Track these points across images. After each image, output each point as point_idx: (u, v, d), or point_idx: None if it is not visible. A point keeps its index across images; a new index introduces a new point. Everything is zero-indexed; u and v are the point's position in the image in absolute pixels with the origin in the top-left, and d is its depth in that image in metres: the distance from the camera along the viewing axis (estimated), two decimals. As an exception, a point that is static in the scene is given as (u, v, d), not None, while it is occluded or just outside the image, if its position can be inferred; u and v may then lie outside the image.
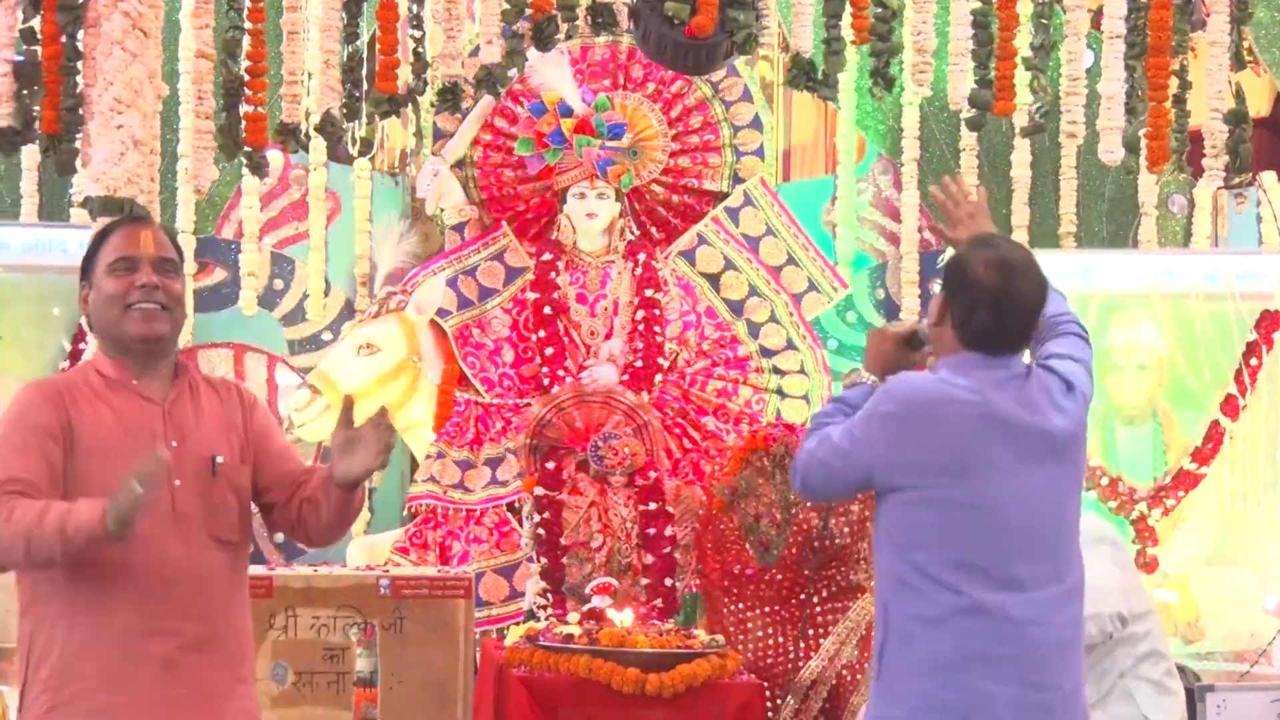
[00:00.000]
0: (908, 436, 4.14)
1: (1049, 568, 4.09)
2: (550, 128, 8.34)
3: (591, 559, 7.71)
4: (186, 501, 3.88)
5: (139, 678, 3.79)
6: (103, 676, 3.77)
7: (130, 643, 3.79)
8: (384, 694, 6.37)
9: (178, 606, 3.83)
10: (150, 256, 3.96)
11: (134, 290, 3.92)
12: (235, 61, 6.69)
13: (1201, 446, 7.83)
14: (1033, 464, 4.08)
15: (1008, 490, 4.07)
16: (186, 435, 3.94)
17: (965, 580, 4.05)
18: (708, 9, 6.65)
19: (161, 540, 3.81)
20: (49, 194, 8.23)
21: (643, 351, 8.27)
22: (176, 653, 3.83)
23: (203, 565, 3.90)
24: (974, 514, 4.07)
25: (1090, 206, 8.70)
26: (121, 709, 3.78)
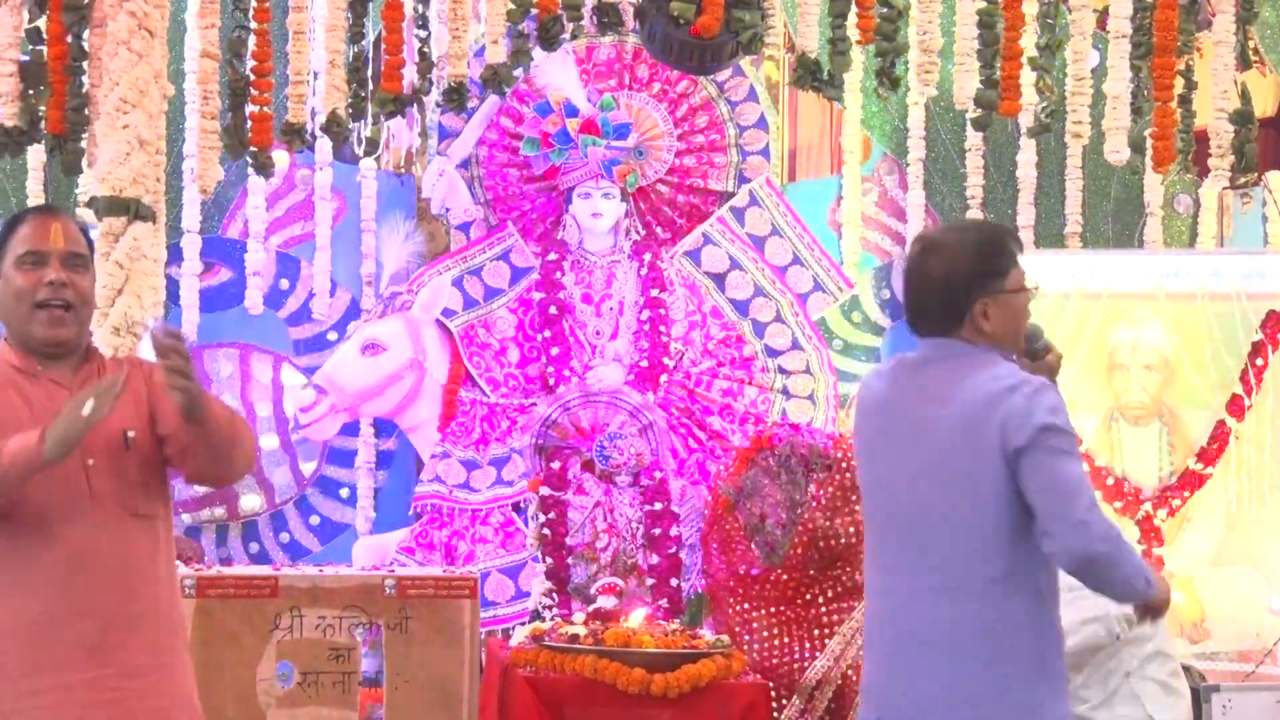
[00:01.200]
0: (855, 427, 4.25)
1: (917, 560, 3.94)
2: (556, 127, 8.34)
3: (597, 559, 7.72)
4: (101, 480, 3.85)
5: (63, 659, 3.77)
6: (26, 659, 3.76)
7: (53, 624, 3.76)
8: (389, 694, 6.36)
9: (99, 585, 3.81)
10: (59, 251, 3.90)
11: (42, 287, 3.87)
12: (241, 61, 6.69)
13: (1207, 447, 7.83)
14: (913, 452, 3.95)
15: (889, 476, 4.01)
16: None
17: (869, 562, 4.10)
18: (713, 9, 6.65)
19: (79, 520, 3.80)
20: (55, 194, 8.23)
21: (648, 351, 8.27)
22: (100, 632, 3.80)
23: (122, 542, 3.86)
24: (869, 498, 4.10)
25: (1096, 206, 8.70)
26: (47, 691, 3.76)
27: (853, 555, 7.04)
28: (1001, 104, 6.91)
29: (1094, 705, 5.41)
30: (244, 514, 8.35)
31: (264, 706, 6.25)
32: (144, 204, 5.87)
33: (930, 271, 4.01)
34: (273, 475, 8.41)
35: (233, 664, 6.19)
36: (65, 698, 3.76)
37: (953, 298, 3.98)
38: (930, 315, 4.03)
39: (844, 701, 6.95)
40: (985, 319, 3.98)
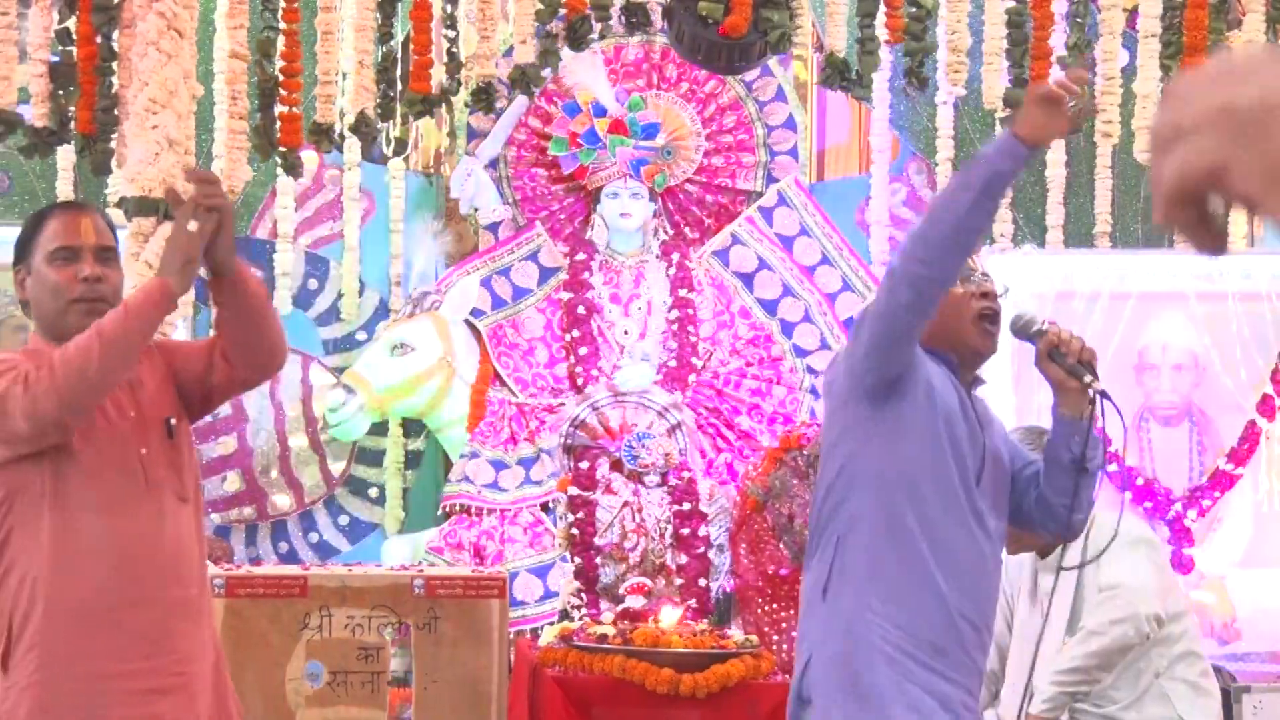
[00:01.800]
0: None
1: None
2: (584, 127, 8.34)
3: (625, 559, 7.72)
4: (155, 468, 3.92)
5: (125, 647, 3.83)
6: (88, 646, 3.81)
7: (116, 612, 3.83)
8: (418, 694, 6.37)
9: (159, 572, 3.89)
10: (92, 245, 3.95)
11: (77, 283, 3.92)
12: (270, 62, 6.70)
13: (1238, 447, 7.81)
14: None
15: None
16: (141, 403, 3.97)
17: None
18: (741, 8, 6.64)
19: (138, 508, 3.87)
20: (84, 194, 8.26)
21: (676, 351, 8.27)
22: (161, 620, 3.87)
23: (176, 528, 3.94)
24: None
25: (1126, 206, 8.67)
26: (110, 678, 3.83)
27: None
28: (1031, 103, 6.89)
29: (1123, 705, 5.40)
30: (273, 513, 8.37)
31: (293, 706, 6.26)
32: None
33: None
34: (302, 475, 8.43)
35: (262, 663, 6.20)
36: (129, 684, 3.83)
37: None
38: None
39: (873, 702, 6.93)
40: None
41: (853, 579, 3.97)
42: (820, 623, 4.01)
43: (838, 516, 4.02)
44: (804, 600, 4.09)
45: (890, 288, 3.84)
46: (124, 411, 3.92)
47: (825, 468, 4.12)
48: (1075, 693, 5.40)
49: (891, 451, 3.99)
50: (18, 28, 6.41)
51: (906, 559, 3.96)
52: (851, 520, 4.00)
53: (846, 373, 4.03)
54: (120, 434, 3.90)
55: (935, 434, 4.00)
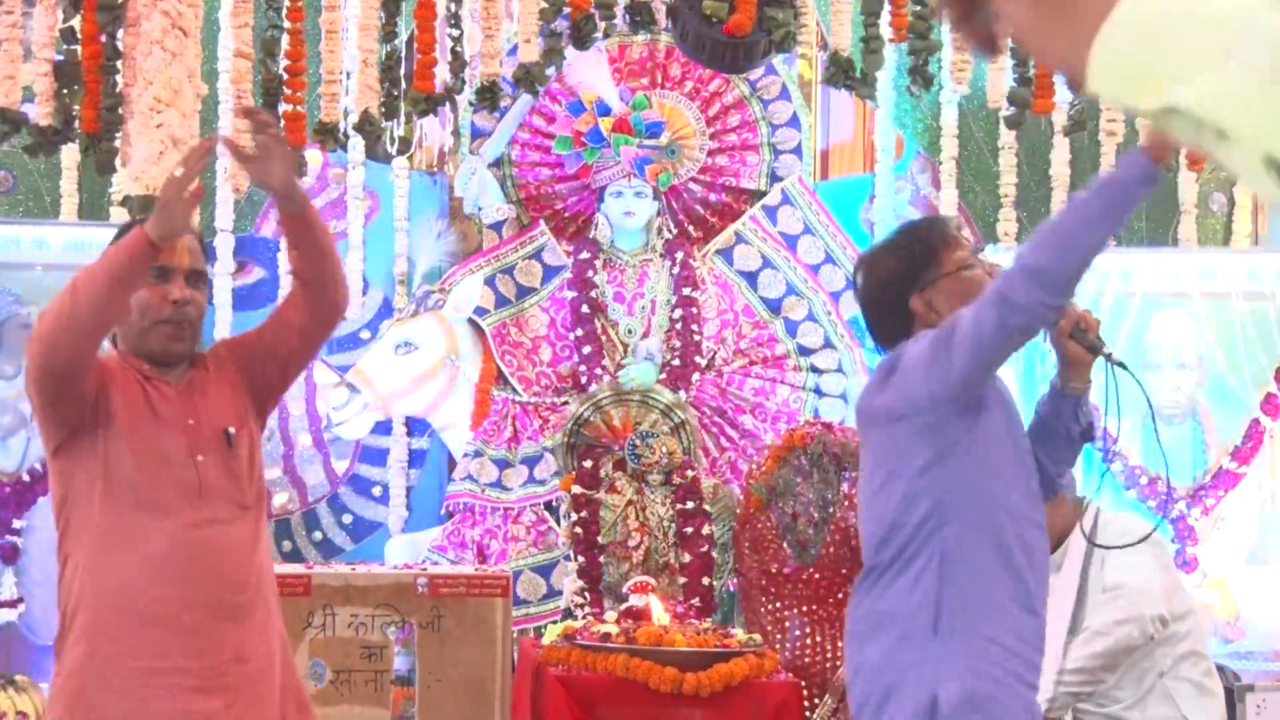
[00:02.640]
0: None
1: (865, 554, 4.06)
2: (588, 126, 8.34)
3: (629, 557, 7.71)
4: (209, 475, 4.01)
5: (175, 646, 3.91)
6: (140, 643, 3.89)
7: (167, 611, 3.91)
8: (422, 692, 6.38)
9: (210, 575, 3.97)
10: (184, 268, 4.07)
11: (166, 304, 4.03)
12: (274, 61, 6.71)
13: (1241, 445, 7.82)
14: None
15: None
16: (200, 413, 4.06)
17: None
18: (746, 7, 6.64)
19: (192, 513, 3.97)
20: (89, 193, 8.27)
21: (680, 350, 8.27)
22: (211, 621, 3.95)
23: (230, 534, 4.03)
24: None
25: (1129, 205, 8.66)
26: (161, 674, 3.90)
27: (885, 554, 7.03)
28: (1035, 102, 6.90)
29: (1127, 705, 5.40)
30: (277, 512, 8.37)
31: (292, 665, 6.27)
32: (178, 203, 5.88)
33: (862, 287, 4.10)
34: (305, 473, 8.43)
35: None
36: (171, 680, 3.91)
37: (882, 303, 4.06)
38: (872, 328, 4.13)
39: (876, 701, 6.93)
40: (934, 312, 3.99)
41: (968, 612, 3.84)
42: (935, 660, 3.86)
43: (932, 545, 3.89)
44: (899, 633, 3.89)
45: (1005, 313, 3.67)
46: (181, 418, 4.02)
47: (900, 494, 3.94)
48: (1079, 693, 5.40)
49: (985, 469, 3.89)
50: (22, 27, 6.42)
51: (1015, 583, 3.87)
52: (954, 549, 3.88)
53: (930, 396, 3.87)
54: (175, 439, 4.00)
55: (1016, 441, 3.97)
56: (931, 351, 3.84)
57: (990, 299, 3.70)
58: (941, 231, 4.12)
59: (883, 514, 3.94)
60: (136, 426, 3.95)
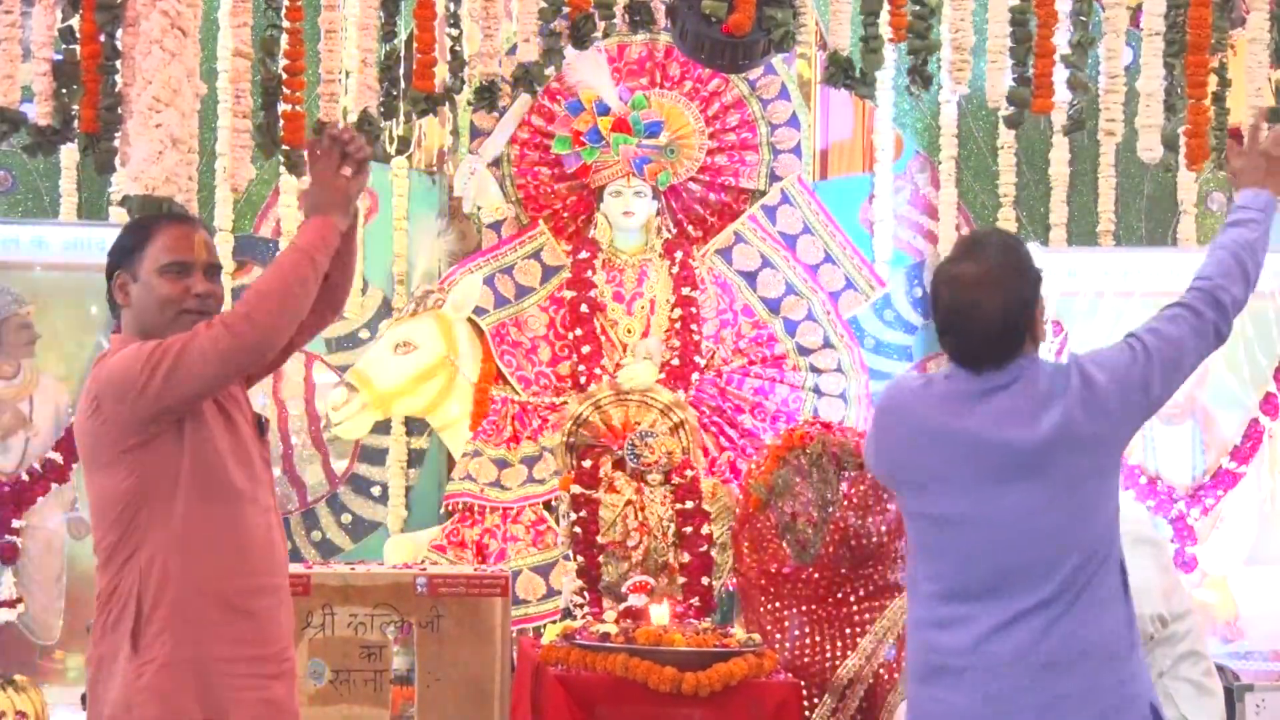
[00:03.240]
0: (883, 447, 4.16)
1: (1017, 582, 3.91)
2: (587, 126, 8.34)
3: (628, 557, 7.71)
4: (260, 464, 4.13)
5: (254, 633, 4.02)
6: (224, 632, 3.98)
7: (240, 600, 4.00)
8: (421, 692, 6.37)
9: (271, 564, 4.09)
10: (203, 262, 4.11)
11: (189, 297, 4.07)
12: (273, 60, 6.70)
13: (1241, 445, 7.81)
14: (998, 479, 3.92)
15: (968, 508, 3.95)
16: (240, 403, 4.18)
17: (935, 591, 4.01)
18: (745, 7, 6.64)
19: (257, 500, 4.08)
20: (88, 193, 8.27)
21: (679, 349, 8.27)
22: (275, 608, 4.08)
23: (276, 522, 4.17)
24: (937, 528, 4.00)
25: (1129, 204, 8.67)
26: (241, 661, 3.99)
27: (884, 554, 7.03)
28: (1034, 102, 6.89)
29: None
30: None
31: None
32: (176, 203, 5.89)
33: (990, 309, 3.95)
34: (305, 473, 8.44)
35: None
36: (251, 669, 4.00)
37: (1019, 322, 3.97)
38: (993, 352, 3.98)
39: (875, 701, 6.93)
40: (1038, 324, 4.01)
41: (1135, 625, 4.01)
42: (1136, 674, 3.96)
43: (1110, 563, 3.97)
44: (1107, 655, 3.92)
45: (1225, 321, 4.06)
46: (238, 407, 4.12)
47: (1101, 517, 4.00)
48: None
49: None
50: (21, 26, 6.42)
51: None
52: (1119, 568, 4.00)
53: (1143, 410, 4.01)
54: (240, 428, 4.09)
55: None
56: (1147, 371, 4.01)
57: (1196, 322, 4.06)
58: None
59: (1080, 538, 3.93)
60: (212, 419, 4.01)
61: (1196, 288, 4.15)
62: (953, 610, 3.96)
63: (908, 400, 4.12)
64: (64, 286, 7.54)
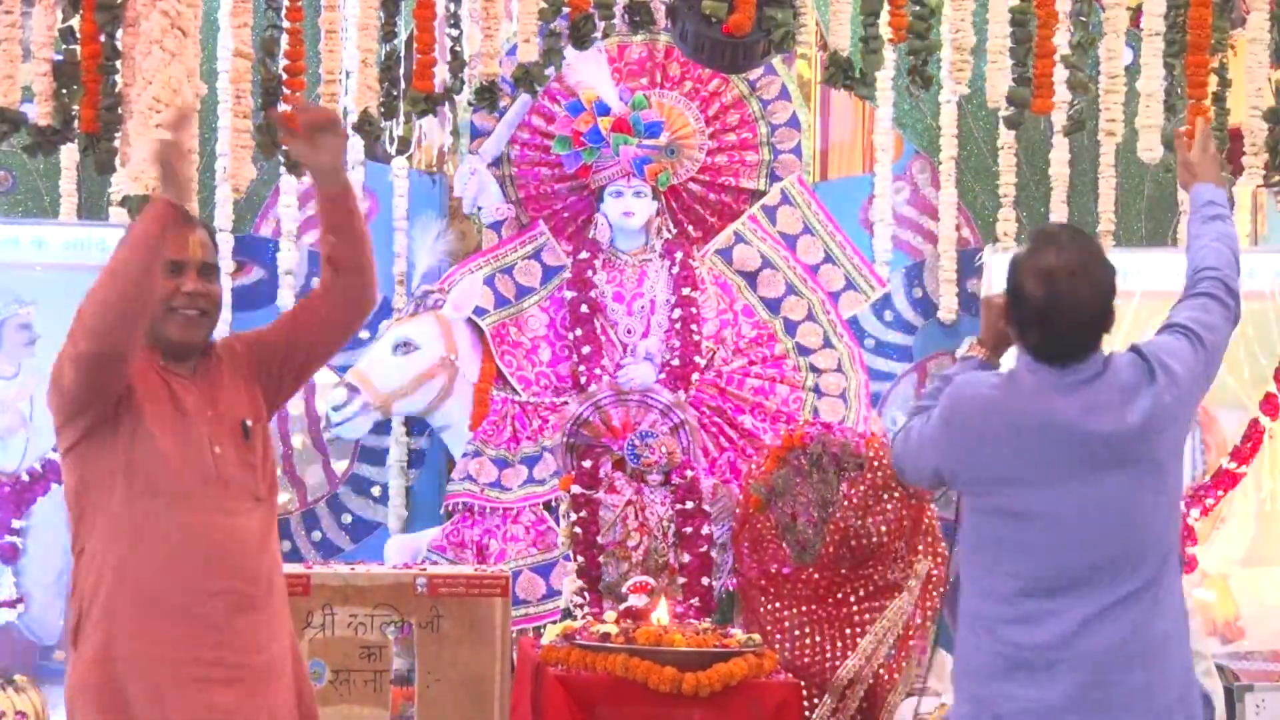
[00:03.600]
0: (959, 443, 4.13)
1: (1106, 573, 3.97)
2: (587, 126, 8.34)
3: (628, 557, 7.72)
4: (227, 467, 4.08)
5: (191, 636, 3.96)
6: (157, 634, 3.94)
7: (184, 602, 3.96)
8: (421, 692, 6.38)
9: (226, 567, 4.02)
10: (197, 261, 4.13)
11: (179, 295, 4.09)
12: (273, 60, 6.70)
13: (1241, 445, 7.81)
14: (1090, 471, 3.98)
15: (1058, 501, 3.98)
16: (218, 404, 4.13)
17: (1015, 588, 4.02)
18: (745, 7, 6.64)
19: (210, 504, 4.02)
20: (88, 193, 8.26)
21: (680, 350, 8.26)
22: (225, 613, 4.00)
23: (245, 526, 4.09)
24: (1020, 523, 4.02)
25: (1129, 205, 8.67)
26: (176, 664, 3.94)
27: (884, 554, 7.04)
28: (1034, 102, 6.89)
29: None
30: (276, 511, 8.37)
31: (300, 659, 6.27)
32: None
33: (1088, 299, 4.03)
34: (305, 473, 8.43)
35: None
36: (188, 671, 3.95)
37: (1108, 311, 4.07)
38: (1086, 344, 4.06)
39: (875, 701, 6.94)
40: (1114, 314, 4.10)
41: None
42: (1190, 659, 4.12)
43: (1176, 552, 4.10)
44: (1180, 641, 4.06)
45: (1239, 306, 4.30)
46: (201, 409, 4.09)
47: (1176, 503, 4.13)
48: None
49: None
50: (21, 26, 6.42)
51: None
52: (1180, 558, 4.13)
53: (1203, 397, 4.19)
54: (196, 429, 4.06)
55: None
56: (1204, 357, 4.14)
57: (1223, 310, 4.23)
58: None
59: (1166, 525, 4.06)
60: (161, 417, 4.00)
61: (1211, 277, 4.27)
62: (1038, 605, 3.99)
63: (994, 395, 4.12)
64: (64, 286, 7.52)
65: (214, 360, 4.21)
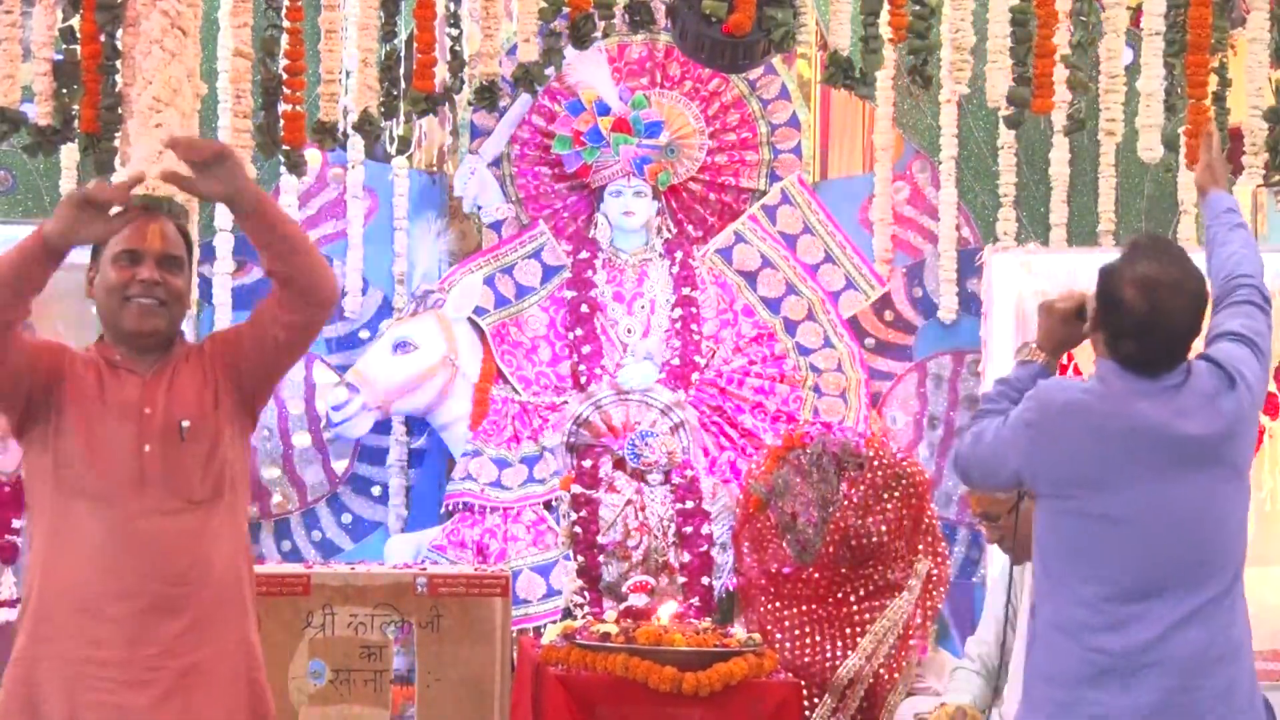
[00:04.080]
0: (1046, 446, 4.11)
1: (1192, 577, 4.04)
2: (587, 126, 8.34)
3: (628, 557, 7.72)
4: (155, 466, 4.01)
5: (105, 636, 3.92)
6: (75, 632, 3.92)
7: (100, 601, 3.92)
8: (421, 692, 6.38)
9: (146, 567, 3.96)
10: (155, 252, 4.11)
11: (134, 284, 4.08)
12: (273, 60, 6.70)
13: (1241, 445, 7.79)
14: (1178, 474, 4.03)
15: (1148, 503, 4.01)
16: (160, 403, 4.07)
17: (1102, 593, 4.03)
18: (745, 7, 6.64)
19: (132, 503, 3.97)
20: (88, 193, 8.25)
21: (680, 350, 8.27)
22: (141, 613, 3.94)
23: (171, 528, 4.00)
24: (1112, 528, 4.02)
25: (1129, 204, 8.66)
26: (90, 663, 3.92)
27: (885, 553, 7.03)
28: (1034, 102, 6.89)
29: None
30: (276, 512, 8.37)
31: (296, 704, 6.27)
32: (176, 202, 5.86)
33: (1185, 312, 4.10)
34: (305, 473, 8.43)
35: (265, 662, 6.20)
36: (102, 672, 3.92)
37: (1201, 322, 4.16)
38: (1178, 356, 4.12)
39: (875, 700, 6.94)
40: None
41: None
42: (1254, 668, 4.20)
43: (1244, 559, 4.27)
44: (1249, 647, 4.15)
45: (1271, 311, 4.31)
46: (137, 407, 4.04)
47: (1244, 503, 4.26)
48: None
49: None
50: (21, 26, 6.42)
51: None
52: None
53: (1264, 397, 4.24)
54: (124, 429, 4.01)
55: None
56: (1265, 364, 4.22)
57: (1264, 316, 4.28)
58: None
59: (1241, 530, 4.24)
60: (85, 416, 3.99)
61: (1249, 284, 4.33)
62: (1126, 610, 4.02)
63: (1086, 400, 4.12)
64: (64, 286, 7.47)
65: (176, 358, 4.16)
